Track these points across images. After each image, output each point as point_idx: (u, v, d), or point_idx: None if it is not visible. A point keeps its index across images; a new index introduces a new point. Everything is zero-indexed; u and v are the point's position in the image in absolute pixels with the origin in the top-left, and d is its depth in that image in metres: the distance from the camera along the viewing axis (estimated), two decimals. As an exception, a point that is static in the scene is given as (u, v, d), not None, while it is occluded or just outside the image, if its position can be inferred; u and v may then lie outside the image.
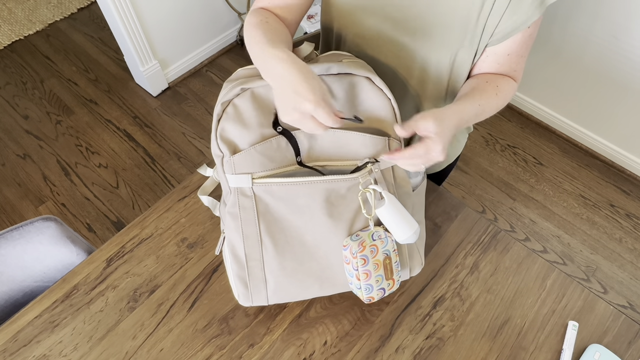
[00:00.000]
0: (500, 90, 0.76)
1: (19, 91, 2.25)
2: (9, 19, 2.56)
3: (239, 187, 0.69)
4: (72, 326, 0.79)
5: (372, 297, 0.73)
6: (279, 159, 0.69)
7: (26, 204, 1.88)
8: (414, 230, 0.70)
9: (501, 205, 1.92)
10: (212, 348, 0.78)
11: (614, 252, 1.81)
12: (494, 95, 0.75)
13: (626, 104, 1.83)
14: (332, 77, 0.68)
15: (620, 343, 0.80)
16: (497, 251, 0.89)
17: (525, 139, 2.13)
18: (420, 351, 0.78)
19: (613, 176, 2.02)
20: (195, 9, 2.15)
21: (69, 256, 0.94)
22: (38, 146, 2.05)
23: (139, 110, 2.18)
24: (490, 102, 0.74)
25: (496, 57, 0.76)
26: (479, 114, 0.73)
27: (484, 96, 0.74)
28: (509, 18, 0.69)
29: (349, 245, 0.70)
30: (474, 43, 0.74)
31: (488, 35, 0.72)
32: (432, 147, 0.63)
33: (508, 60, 0.76)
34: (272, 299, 0.75)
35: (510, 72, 0.78)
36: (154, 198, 1.90)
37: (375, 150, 0.71)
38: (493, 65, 0.77)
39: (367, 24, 0.78)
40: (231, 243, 0.72)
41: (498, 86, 0.76)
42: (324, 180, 0.69)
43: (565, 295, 0.84)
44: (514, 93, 0.79)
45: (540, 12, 0.69)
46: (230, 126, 0.67)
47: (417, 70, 0.80)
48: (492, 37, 0.73)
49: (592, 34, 1.74)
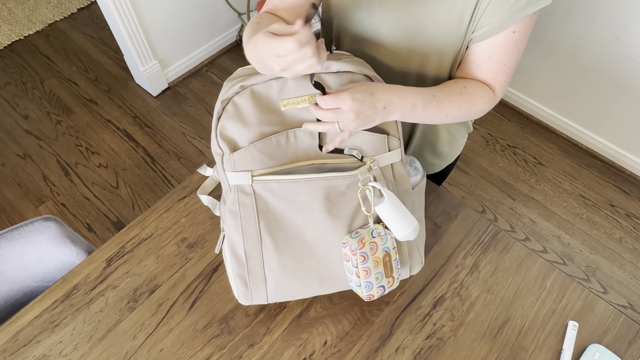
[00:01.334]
0: (468, 92, 0.74)
1: (19, 91, 2.25)
2: (9, 19, 2.56)
3: (239, 184, 0.69)
4: (72, 326, 0.79)
5: (372, 294, 0.73)
6: (278, 157, 0.69)
7: (26, 204, 1.88)
8: (414, 227, 0.70)
9: (501, 205, 1.93)
10: (212, 348, 0.78)
11: (614, 252, 1.81)
12: (457, 93, 0.73)
13: (626, 104, 1.83)
14: (331, 75, 0.69)
15: (620, 343, 0.80)
16: (497, 251, 0.89)
17: (525, 139, 2.13)
18: (420, 351, 0.78)
19: (613, 176, 2.02)
20: (195, 9, 2.15)
21: (69, 256, 0.94)
22: (38, 146, 2.05)
23: (139, 110, 2.18)
24: (451, 98, 0.72)
25: (476, 58, 0.74)
26: (431, 105, 0.70)
27: (444, 90, 0.72)
28: (491, 15, 0.69)
29: (348, 242, 0.70)
30: (467, 41, 0.74)
31: (472, 30, 0.72)
32: (342, 100, 0.62)
33: (488, 64, 0.74)
34: (272, 298, 0.75)
35: (489, 79, 0.76)
36: (154, 198, 1.90)
37: (374, 147, 0.71)
38: (472, 67, 0.76)
39: (365, 24, 0.78)
40: (231, 241, 0.72)
41: (466, 87, 0.74)
42: (323, 178, 0.69)
43: (565, 295, 0.84)
44: (491, 103, 0.77)
45: (522, 16, 0.68)
46: (230, 124, 0.68)
47: (414, 69, 0.80)
48: (474, 32, 0.72)
49: (591, 34, 1.74)
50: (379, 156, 0.71)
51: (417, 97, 0.69)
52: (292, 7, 0.76)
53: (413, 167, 0.83)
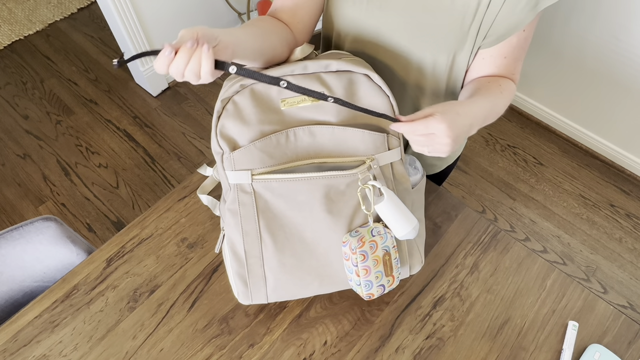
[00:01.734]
0: (504, 89, 0.75)
1: (19, 91, 2.25)
2: (9, 19, 2.56)
3: (239, 183, 0.69)
4: (72, 326, 0.79)
5: (372, 293, 0.73)
6: (278, 156, 0.69)
7: (26, 204, 1.88)
8: (413, 226, 0.70)
9: (501, 205, 1.93)
10: (212, 348, 0.78)
11: (614, 252, 1.81)
12: (499, 93, 0.74)
13: (626, 104, 1.83)
14: (331, 74, 0.69)
15: (620, 343, 0.80)
16: (497, 251, 0.89)
17: (525, 139, 2.13)
18: (420, 351, 0.78)
19: (613, 176, 2.02)
20: (195, 9, 2.15)
21: (69, 256, 0.94)
22: (38, 146, 2.05)
23: (139, 110, 2.18)
24: (498, 100, 0.73)
25: (493, 60, 0.76)
26: (490, 112, 0.71)
27: (493, 93, 0.73)
28: (503, 20, 0.69)
29: (348, 241, 0.70)
30: (470, 45, 0.74)
31: (482, 37, 0.72)
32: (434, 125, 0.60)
33: (505, 63, 0.76)
34: (272, 297, 0.75)
35: (509, 75, 0.78)
36: (154, 198, 1.90)
37: (374, 146, 0.71)
38: (491, 68, 0.77)
39: (364, 26, 0.78)
40: (231, 240, 0.72)
41: (501, 85, 0.75)
42: (323, 176, 0.69)
43: (565, 295, 0.84)
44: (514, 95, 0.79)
45: (534, 14, 0.69)
46: (230, 123, 0.68)
47: (414, 71, 0.80)
48: (485, 39, 0.73)
49: (592, 34, 1.74)
50: (379, 155, 0.71)
51: (483, 108, 0.69)
52: (293, 9, 0.76)
53: (413, 167, 0.83)
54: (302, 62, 0.68)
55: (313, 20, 0.80)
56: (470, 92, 0.74)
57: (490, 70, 0.77)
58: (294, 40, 0.77)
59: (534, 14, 0.69)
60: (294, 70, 0.68)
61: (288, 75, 0.68)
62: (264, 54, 0.66)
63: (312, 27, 0.81)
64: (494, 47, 0.74)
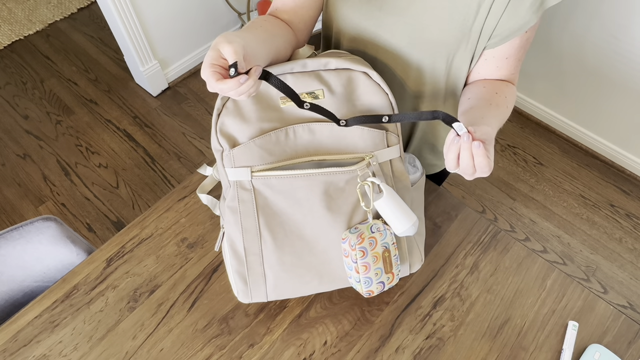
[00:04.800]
0: (509, 101, 0.76)
1: (19, 91, 2.25)
2: (9, 19, 2.56)
3: (238, 180, 0.70)
4: (72, 326, 0.79)
5: (372, 290, 0.73)
6: (277, 153, 0.69)
7: (26, 204, 1.88)
8: (413, 222, 0.70)
9: (501, 205, 1.93)
10: (212, 348, 0.78)
11: (614, 252, 1.81)
12: (505, 107, 0.74)
13: (626, 103, 1.83)
14: (330, 72, 0.69)
15: (620, 343, 0.80)
16: (497, 251, 0.89)
17: (525, 139, 2.13)
18: (420, 351, 0.78)
19: (613, 176, 2.02)
20: (195, 8, 2.15)
21: (69, 256, 0.94)
22: (38, 146, 2.05)
23: (139, 110, 2.18)
24: (504, 114, 0.74)
25: (495, 61, 0.76)
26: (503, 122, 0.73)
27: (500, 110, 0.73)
28: (507, 22, 0.69)
29: (347, 238, 0.70)
30: (471, 47, 0.74)
31: (485, 39, 0.72)
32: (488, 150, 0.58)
33: (507, 64, 0.77)
34: (272, 295, 0.75)
35: (509, 76, 0.79)
36: (154, 198, 1.90)
37: (373, 143, 0.71)
38: (492, 69, 0.77)
39: (364, 26, 0.78)
40: (230, 238, 0.73)
41: (507, 97, 0.76)
42: (322, 173, 0.69)
43: (565, 295, 0.84)
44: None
45: (538, 16, 0.69)
46: (230, 120, 0.68)
47: (414, 71, 0.80)
48: (489, 41, 0.73)
49: (591, 34, 1.74)
50: (378, 152, 0.71)
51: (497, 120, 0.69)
52: (294, 9, 0.76)
53: (412, 165, 0.83)
54: (301, 60, 0.69)
55: (313, 19, 0.80)
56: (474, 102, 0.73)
57: (492, 70, 0.77)
58: (295, 40, 0.77)
59: (537, 15, 0.69)
60: (293, 68, 0.68)
61: (287, 72, 0.68)
62: (270, 58, 0.67)
63: (312, 26, 0.81)
64: (496, 48, 0.74)
